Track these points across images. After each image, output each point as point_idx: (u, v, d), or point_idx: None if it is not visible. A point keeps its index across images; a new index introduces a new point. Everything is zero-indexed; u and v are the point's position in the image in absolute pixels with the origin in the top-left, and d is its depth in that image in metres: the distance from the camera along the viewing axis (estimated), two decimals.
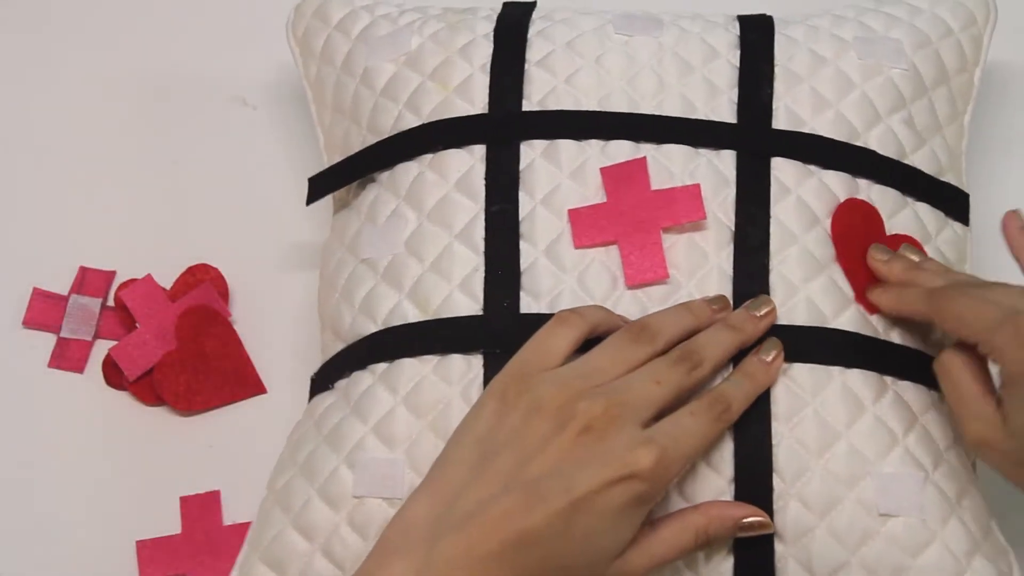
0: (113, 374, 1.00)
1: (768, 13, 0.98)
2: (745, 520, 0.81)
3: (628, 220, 0.87)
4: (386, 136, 0.94)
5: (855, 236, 0.88)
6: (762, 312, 0.84)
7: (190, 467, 0.97)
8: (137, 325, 1.00)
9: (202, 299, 1.01)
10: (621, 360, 0.80)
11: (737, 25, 0.96)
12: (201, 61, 1.12)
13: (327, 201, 0.99)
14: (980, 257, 0.98)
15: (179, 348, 0.99)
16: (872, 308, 0.87)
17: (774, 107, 0.91)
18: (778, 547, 0.83)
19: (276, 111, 1.09)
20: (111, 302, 1.03)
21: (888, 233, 0.89)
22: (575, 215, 0.87)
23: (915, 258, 0.87)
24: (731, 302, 0.85)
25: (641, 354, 0.81)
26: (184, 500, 0.96)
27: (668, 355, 0.81)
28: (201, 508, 0.95)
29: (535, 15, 0.97)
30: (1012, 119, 1.08)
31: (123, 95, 1.11)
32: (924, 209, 0.92)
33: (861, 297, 0.87)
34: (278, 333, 1.01)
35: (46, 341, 1.02)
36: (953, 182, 0.94)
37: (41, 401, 1.00)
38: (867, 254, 0.87)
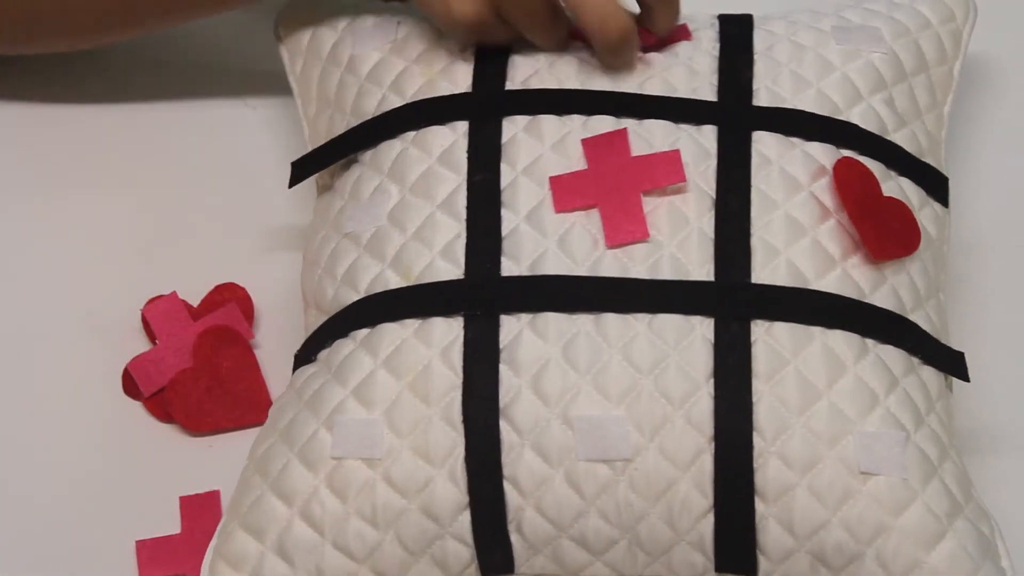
0: (131, 386, 0.99)
1: (750, 13, 0.99)
2: None
3: (608, 184, 0.87)
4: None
5: (853, 186, 0.88)
6: None
7: (190, 467, 0.97)
8: (157, 341, 1.00)
9: (225, 320, 1.00)
10: None
11: (717, 23, 0.97)
12: (201, 60, 1.14)
13: None
14: (959, 245, 1.01)
15: (195, 366, 0.99)
16: (878, 254, 0.86)
17: (754, 88, 0.92)
18: (759, 506, 0.82)
19: (276, 111, 1.11)
20: None
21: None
22: (556, 181, 0.88)
23: None
24: (712, 265, 0.85)
25: None
26: (184, 500, 0.95)
27: None
28: (201, 508, 0.95)
29: None
30: (991, 113, 1.10)
31: (121, 95, 1.12)
32: (907, 183, 0.92)
33: (868, 241, 0.86)
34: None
35: (44, 342, 1.02)
36: (934, 166, 0.95)
37: (40, 402, 1.00)
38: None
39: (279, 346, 1.01)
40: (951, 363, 0.88)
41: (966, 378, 0.88)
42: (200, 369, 0.99)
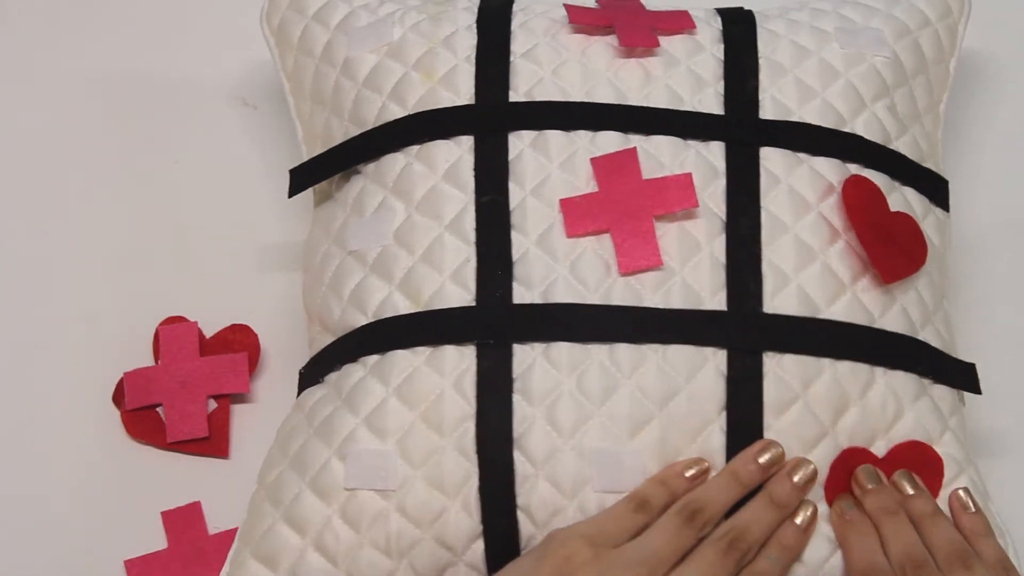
0: (120, 394, 0.99)
1: (746, 8, 0.98)
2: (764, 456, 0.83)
3: (620, 209, 0.87)
4: (370, 127, 0.93)
5: (862, 208, 0.87)
6: (799, 478, 0.83)
7: (165, 483, 0.96)
8: (159, 361, 0.99)
9: (230, 367, 0.99)
10: (677, 545, 0.79)
11: (719, 19, 0.96)
12: (200, 62, 1.12)
13: None
14: (960, 247, 1.01)
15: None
16: (888, 278, 0.86)
17: (760, 98, 0.91)
18: None
19: (276, 111, 1.09)
20: None
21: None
22: (567, 204, 0.87)
23: (909, 489, 0.84)
24: (724, 292, 0.85)
25: (694, 537, 0.80)
26: (166, 515, 0.95)
27: (718, 542, 0.80)
28: (184, 520, 0.94)
29: (515, 7, 0.97)
30: (991, 113, 1.10)
31: (119, 97, 1.11)
32: (911, 193, 0.92)
33: (878, 264, 0.86)
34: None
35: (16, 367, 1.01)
36: (932, 169, 0.95)
37: (13, 430, 0.99)
38: (854, 475, 0.84)
39: (273, 351, 1.01)
40: (962, 377, 0.89)
41: (978, 391, 0.89)
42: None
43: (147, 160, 1.08)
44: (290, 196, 0.95)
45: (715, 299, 0.85)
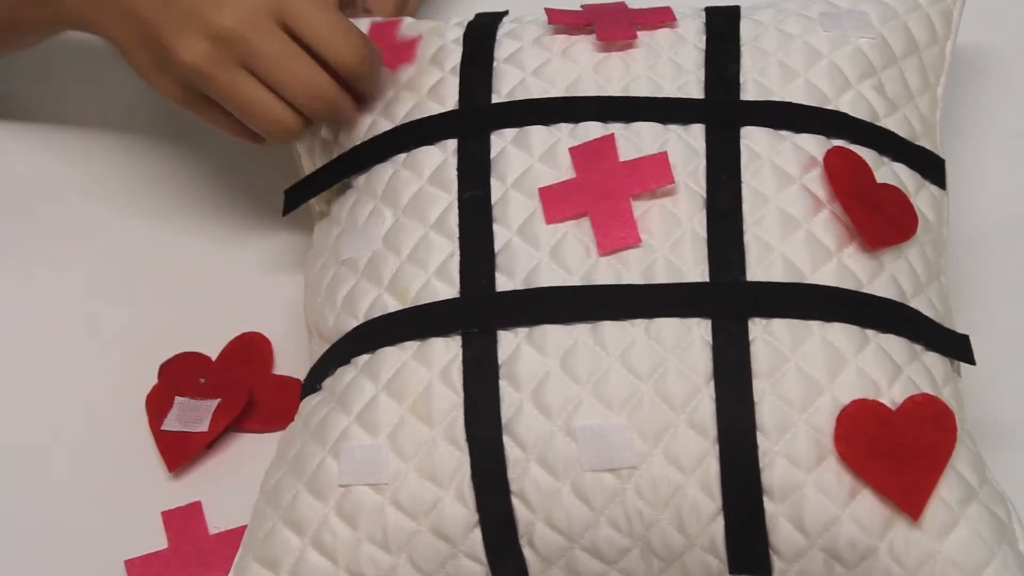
0: (155, 414, 1.00)
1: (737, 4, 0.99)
2: None
3: (597, 191, 0.87)
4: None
5: (845, 177, 0.87)
6: None
7: (165, 483, 0.97)
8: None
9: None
10: None
11: (703, 14, 0.97)
12: None
13: None
14: (961, 240, 1.01)
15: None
16: (874, 243, 0.85)
17: (742, 81, 0.92)
18: (768, 506, 0.82)
19: None
20: None
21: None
22: (545, 192, 0.88)
23: None
24: (706, 265, 0.85)
25: None
26: (166, 514, 0.95)
27: None
28: (185, 520, 0.95)
29: (505, 20, 0.98)
30: (994, 105, 1.09)
31: (127, 112, 1.14)
32: (901, 168, 0.91)
33: (863, 230, 0.85)
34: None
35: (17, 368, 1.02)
36: (929, 148, 0.94)
37: (13, 430, 1.00)
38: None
39: (284, 361, 1.02)
40: (956, 347, 0.87)
41: (972, 361, 0.87)
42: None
43: (151, 176, 1.11)
44: (284, 214, 0.97)
45: (697, 272, 0.85)
